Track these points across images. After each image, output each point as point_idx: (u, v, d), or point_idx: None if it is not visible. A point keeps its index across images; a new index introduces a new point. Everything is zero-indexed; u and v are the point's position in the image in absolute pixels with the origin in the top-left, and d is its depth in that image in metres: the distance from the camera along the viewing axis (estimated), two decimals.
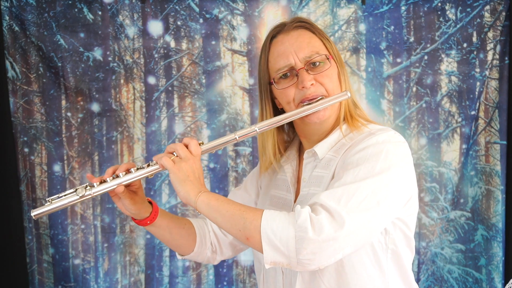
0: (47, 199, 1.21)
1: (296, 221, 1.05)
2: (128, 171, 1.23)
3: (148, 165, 1.23)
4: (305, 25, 1.30)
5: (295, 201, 1.31)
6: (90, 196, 1.20)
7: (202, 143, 1.25)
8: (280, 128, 1.38)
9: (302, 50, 1.25)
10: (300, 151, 1.40)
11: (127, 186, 1.24)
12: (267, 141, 1.36)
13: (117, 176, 1.22)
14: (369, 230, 1.10)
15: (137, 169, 1.23)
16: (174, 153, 1.22)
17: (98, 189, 1.21)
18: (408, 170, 1.19)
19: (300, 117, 1.27)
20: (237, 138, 1.24)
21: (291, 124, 1.40)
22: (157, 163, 1.22)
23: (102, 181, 1.22)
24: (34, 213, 1.19)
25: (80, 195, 1.19)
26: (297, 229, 1.05)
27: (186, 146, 1.22)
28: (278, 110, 1.35)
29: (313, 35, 1.29)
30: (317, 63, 1.25)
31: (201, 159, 1.24)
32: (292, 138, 1.44)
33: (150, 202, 1.34)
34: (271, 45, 1.30)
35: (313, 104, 1.24)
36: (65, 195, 1.21)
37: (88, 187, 1.21)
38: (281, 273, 1.28)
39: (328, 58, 1.27)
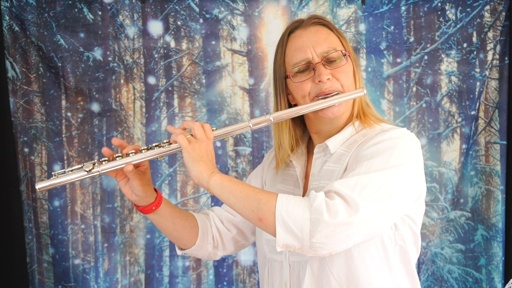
0: (52, 173, 1.18)
1: (311, 205, 1.06)
2: (138, 151, 1.22)
3: (158, 146, 1.22)
4: (322, 21, 1.31)
5: (303, 196, 1.31)
6: (98, 173, 1.18)
7: (215, 129, 1.25)
8: (296, 123, 1.38)
9: (319, 45, 1.26)
10: (309, 147, 1.41)
11: (136, 166, 1.23)
12: (283, 135, 1.36)
13: (127, 155, 1.20)
14: (382, 221, 1.11)
15: (148, 149, 1.22)
16: (187, 130, 1.22)
17: (107, 167, 1.19)
18: (419, 168, 1.21)
19: (314, 112, 1.27)
20: (251, 126, 1.25)
21: (302, 121, 1.40)
22: (169, 142, 1.22)
23: (112, 159, 1.20)
24: (39, 185, 1.17)
25: (87, 169, 1.16)
26: (312, 211, 1.05)
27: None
28: (291, 106, 1.35)
29: (330, 31, 1.30)
30: (334, 59, 1.26)
31: None
32: (302, 134, 1.44)
33: (154, 189, 1.34)
34: (289, 39, 1.31)
35: (328, 98, 1.24)
36: (71, 170, 1.18)
37: (97, 164, 1.18)
38: (288, 265, 1.28)
39: (344, 55, 1.27)
